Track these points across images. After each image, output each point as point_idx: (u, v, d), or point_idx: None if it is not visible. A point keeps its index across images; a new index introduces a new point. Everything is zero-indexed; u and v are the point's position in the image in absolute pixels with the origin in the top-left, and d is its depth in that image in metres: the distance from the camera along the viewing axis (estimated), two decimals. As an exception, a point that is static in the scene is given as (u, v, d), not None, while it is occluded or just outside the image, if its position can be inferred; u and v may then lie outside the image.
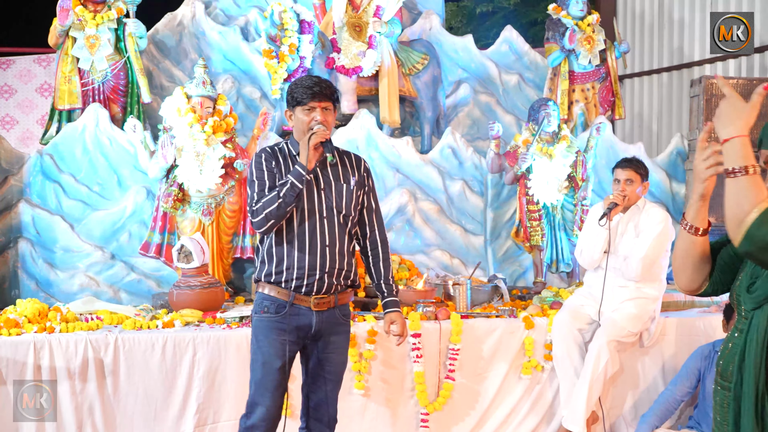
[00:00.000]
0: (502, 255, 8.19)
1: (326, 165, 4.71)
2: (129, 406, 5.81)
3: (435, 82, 8.43)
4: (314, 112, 4.60)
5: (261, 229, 4.57)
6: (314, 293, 4.64)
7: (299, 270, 4.60)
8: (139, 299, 7.24)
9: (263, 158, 4.69)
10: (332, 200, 4.67)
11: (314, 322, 4.66)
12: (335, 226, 4.66)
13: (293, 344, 4.68)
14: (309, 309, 4.65)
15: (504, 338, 6.41)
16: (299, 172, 4.53)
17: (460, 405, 6.34)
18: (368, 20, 8.10)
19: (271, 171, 4.65)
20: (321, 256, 4.62)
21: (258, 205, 4.56)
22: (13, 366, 5.59)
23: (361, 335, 6.09)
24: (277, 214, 4.53)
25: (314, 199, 4.64)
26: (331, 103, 4.67)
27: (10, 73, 10.59)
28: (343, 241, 4.70)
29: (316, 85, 4.62)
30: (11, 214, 7.21)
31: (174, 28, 8.40)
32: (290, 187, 4.50)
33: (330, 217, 4.66)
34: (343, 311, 4.83)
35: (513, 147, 7.76)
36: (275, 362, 4.65)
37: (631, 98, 11.62)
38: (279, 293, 4.65)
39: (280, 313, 4.64)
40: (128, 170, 7.42)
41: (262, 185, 4.63)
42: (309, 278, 4.61)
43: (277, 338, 4.65)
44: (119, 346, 5.78)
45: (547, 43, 8.84)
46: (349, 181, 4.74)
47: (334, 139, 7.78)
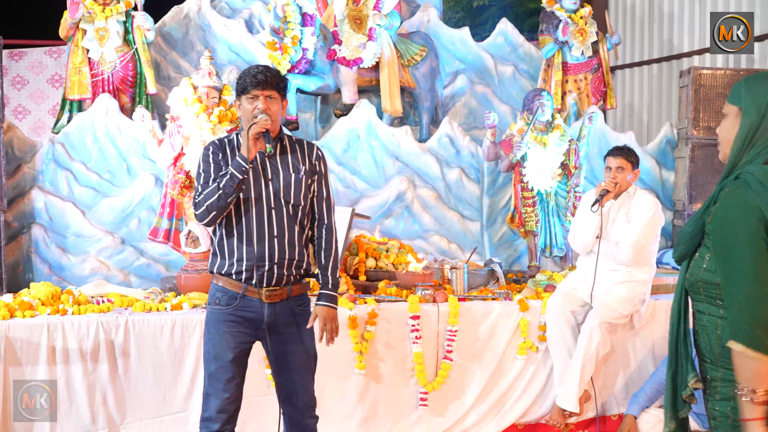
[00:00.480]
0: (498, 240, 8.22)
1: (275, 154, 4.53)
2: (139, 386, 5.84)
3: (433, 73, 8.45)
4: (257, 100, 4.42)
5: (203, 221, 4.42)
6: (265, 285, 4.44)
7: (248, 261, 4.42)
8: (148, 283, 7.28)
9: (210, 150, 4.52)
10: (280, 190, 4.46)
11: (266, 314, 4.46)
12: (284, 216, 4.46)
13: (245, 336, 4.50)
14: (261, 301, 4.45)
15: (500, 320, 6.45)
16: (239, 163, 4.33)
17: (458, 384, 6.37)
18: (368, 13, 8.10)
19: (217, 163, 4.47)
20: (269, 247, 4.43)
21: (200, 197, 4.40)
22: (27, 347, 5.62)
23: (361, 317, 6.12)
24: (217, 206, 4.35)
25: (261, 189, 4.45)
26: (275, 92, 4.46)
27: (22, 65, 10.60)
28: (293, 231, 4.49)
29: (260, 73, 4.44)
30: (24, 200, 7.23)
31: (180, 20, 8.41)
32: (230, 178, 4.32)
33: (278, 207, 4.46)
34: (298, 302, 4.59)
35: (508, 136, 7.79)
36: (226, 354, 4.46)
37: (622, 89, 11.64)
38: (231, 285, 4.46)
39: (231, 305, 4.46)
40: (137, 158, 7.44)
41: (207, 177, 4.45)
42: (258, 269, 4.42)
43: (228, 330, 4.46)
44: (129, 328, 5.81)
45: (541, 35, 8.85)
46: (299, 171, 4.52)
47: (336, 132, 7.88)
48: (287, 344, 4.54)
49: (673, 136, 8.64)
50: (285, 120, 7.87)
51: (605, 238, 6.36)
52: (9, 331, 5.59)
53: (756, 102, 3.11)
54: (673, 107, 10.54)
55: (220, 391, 4.48)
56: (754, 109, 3.10)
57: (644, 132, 11.06)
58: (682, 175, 8.31)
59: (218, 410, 4.48)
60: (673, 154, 8.57)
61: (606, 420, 6.61)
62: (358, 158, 7.98)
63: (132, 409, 5.84)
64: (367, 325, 6.13)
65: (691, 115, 8.13)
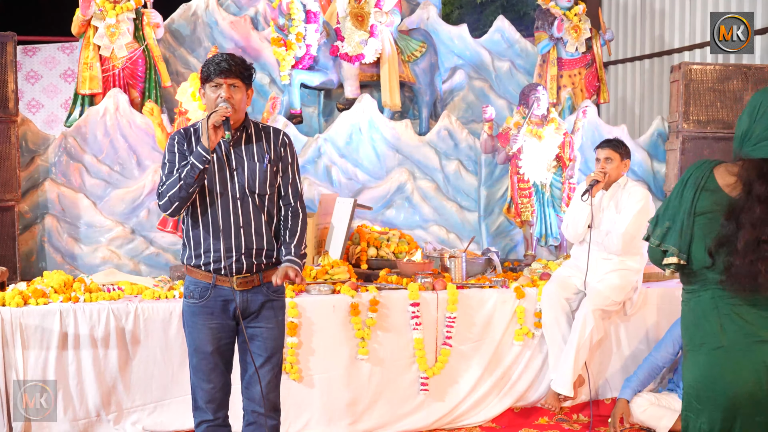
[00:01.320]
0: (495, 230, 8.19)
1: (240, 144, 4.33)
2: (148, 370, 5.82)
3: (432, 69, 8.41)
4: (220, 89, 4.22)
5: (167, 211, 4.24)
6: (235, 274, 4.29)
7: (215, 253, 4.26)
8: (157, 271, 7.24)
9: (175, 140, 4.32)
10: (245, 180, 4.28)
11: (238, 301, 4.31)
12: (249, 206, 4.29)
13: (222, 326, 4.35)
14: (232, 289, 4.29)
15: (497, 307, 6.42)
16: (199, 153, 4.14)
17: (457, 369, 6.35)
18: (370, 10, 8.06)
19: (182, 153, 4.27)
20: (236, 237, 4.27)
21: (163, 188, 4.23)
22: (41, 333, 5.59)
23: (364, 304, 6.09)
24: (179, 196, 4.18)
25: (226, 180, 4.27)
26: (239, 80, 4.26)
27: (36, 60, 10.55)
28: (259, 220, 4.32)
29: (224, 61, 4.23)
30: (38, 191, 7.19)
31: (188, 17, 8.36)
32: (191, 169, 4.14)
33: (243, 197, 4.28)
34: (272, 287, 4.40)
35: (505, 129, 7.76)
36: (206, 347, 4.34)
37: (615, 83, 11.60)
38: (201, 276, 4.31)
39: (204, 296, 4.31)
40: (146, 151, 7.40)
41: (171, 168, 4.26)
42: (226, 260, 4.26)
43: (205, 323, 4.33)
44: (139, 315, 5.78)
45: (537, 31, 8.83)
46: (263, 160, 4.33)
47: (338, 125, 7.84)
48: (256, 326, 4.39)
49: (665, 129, 8.59)
50: (289, 114, 7.84)
51: (596, 227, 6.32)
52: (23, 317, 5.56)
53: (748, 109, 3.27)
54: (664, 101, 10.50)
55: (204, 382, 4.38)
56: (746, 115, 3.27)
57: (636, 125, 11.02)
58: (673, 166, 8.26)
59: (206, 401, 4.40)
60: (664, 147, 8.51)
61: (599, 404, 6.57)
62: (359, 151, 7.94)
63: (141, 392, 5.82)
64: (369, 312, 6.10)
65: (682, 109, 8.07)
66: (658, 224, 3.27)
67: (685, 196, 3.20)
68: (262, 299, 4.38)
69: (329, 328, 6.04)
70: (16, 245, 6.81)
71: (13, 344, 5.54)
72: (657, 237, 3.24)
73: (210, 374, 4.37)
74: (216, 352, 4.37)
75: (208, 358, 4.36)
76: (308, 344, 6.00)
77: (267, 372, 4.42)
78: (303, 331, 5.98)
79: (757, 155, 3.19)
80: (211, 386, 4.38)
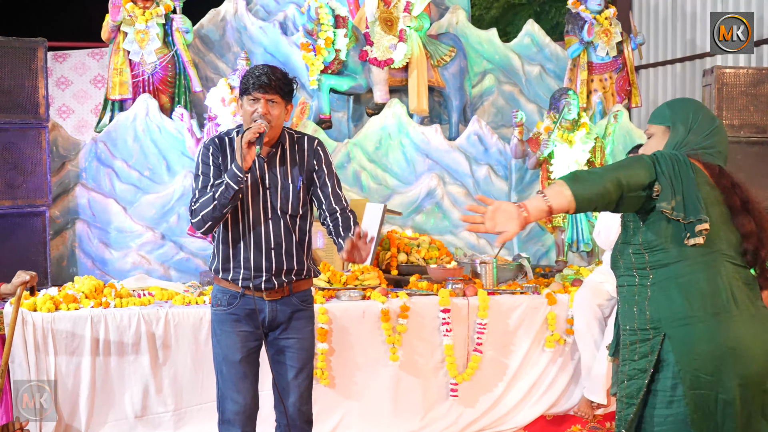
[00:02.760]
0: (526, 235, 8.17)
1: (275, 162, 4.25)
2: (178, 376, 5.85)
3: (461, 73, 8.41)
4: (258, 103, 4.13)
5: (200, 230, 4.17)
6: (264, 290, 4.26)
7: (245, 271, 4.22)
8: (187, 276, 7.26)
9: (210, 151, 4.24)
10: (277, 201, 4.22)
11: (267, 310, 4.28)
12: (281, 227, 4.24)
13: (250, 335, 4.30)
14: (261, 299, 4.26)
15: (528, 313, 6.41)
16: (234, 173, 4.05)
17: (487, 376, 6.34)
18: (399, 15, 8.07)
19: (217, 166, 4.21)
20: (267, 258, 4.22)
21: (196, 205, 4.15)
22: (72, 338, 5.64)
23: (394, 310, 6.09)
24: (213, 216, 4.10)
25: (259, 199, 4.21)
26: (278, 96, 4.16)
27: (66, 66, 10.64)
28: (291, 241, 4.26)
29: (264, 74, 4.13)
30: (69, 197, 7.25)
31: (218, 23, 8.41)
32: (225, 189, 4.05)
33: (275, 218, 4.23)
34: (301, 297, 4.39)
35: (535, 134, 7.75)
36: (234, 355, 4.27)
37: (646, 87, 11.54)
38: (230, 285, 4.28)
39: (232, 304, 4.27)
40: (176, 156, 7.44)
41: (205, 182, 4.20)
42: (255, 279, 4.22)
43: (233, 330, 4.28)
44: (169, 320, 5.81)
45: (567, 35, 8.81)
46: (296, 181, 4.25)
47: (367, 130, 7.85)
48: (288, 337, 4.34)
49: (697, 133, 8.53)
50: (318, 119, 7.86)
51: (629, 233, 6.29)
52: (54, 323, 5.62)
53: (682, 119, 3.49)
54: (696, 105, 10.42)
55: (233, 392, 4.30)
56: (681, 125, 3.48)
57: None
58: (706, 171, 8.20)
59: (235, 412, 4.31)
60: (697, 152, 8.46)
61: (632, 411, 6.53)
62: (389, 156, 7.96)
63: (172, 397, 5.85)
64: (399, 318, 6.10)
65: (714, 114, 8.03)
66: (669, 199, 3.30)
67: (683, 171, 3.30)
68: (291, 309, 4.34)
69: (359, 334, 6.06)
70: (47, 250, 6.88)
71: (44, 349, 5.59)
72: (678, 210, 3.26)
73: (239, 384, 4.30)
74: (245, 360, 4.31)
75: (237, 367, 4.29)
76: (338, 350, 6.02)
77: (300, 383, 4.40)
78: (333, 337, 6.00)
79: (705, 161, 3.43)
80: (240, 396, 4.30)
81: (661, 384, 3.31)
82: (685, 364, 3.25)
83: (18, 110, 6.80)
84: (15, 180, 6.78)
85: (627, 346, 3.42)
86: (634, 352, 3.37)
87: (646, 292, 3.36)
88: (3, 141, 6.75)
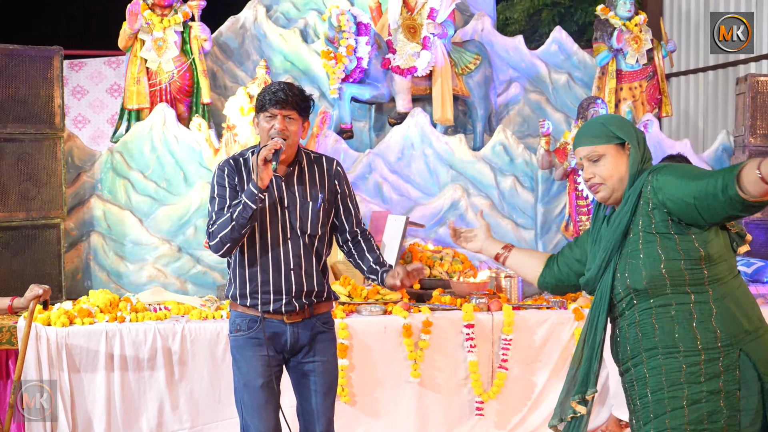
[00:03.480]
0: (552, 248, 8.12)
1: (293, 181, 4.24)
2: (195, 392, 5.85)
3: (487, 82, 8.38)
4: (274, 120, 4.13)
5: (218, 252, 4.16)
6: (284, 313, 4.23)
7: (264, 295, 4.19)
8: (204, 290, 7.25)
9: (225, 173, 4.23)
10: (296, 221, 4.21)
11: (288, 333, 4.24)
12: (300, 247, 4.21)
13: (272, 359, 4.24)
14: (282, 322, 4.24)
15: (554, 329, 6.38)
16: (252, 192, 4.03)
17: (513, 393, 6.31)
18: (422, 22, 8.06)
19: (233, 187, 4.20)
20: (286, 280, 4.19)
21: (213, 228, 4.13)
22: (86, 354, 5.65)
23: (416, 325, 6.07)
24: (231, 237, 4.08)
25: (277, 219, 4.20)
26: (295, 112, 4.16)
27: (82, 75, 10.70)
28: (310, 262, 4.25)
29: (281, 90, 4.14)
30: (84, 208, 7.27)
31: (237, 30, 8.44)
32: (243, 209, 4.04)
33: (294, 238, 4.21)
34: (322, 320, 4.35)
35: (562, 144, 7.72)
36: (256, 381, 4.22)
37: (677, 96, 11.49)
38: (249, 310, 4.24)
39: (252, 328, 4.22)
40: (194, 167, 7.45)
41: (222, 203, 4.18)
42: (275, 303, 4.20)
43: (254, 355, 4.23)
44: (186, 335, 5.81)
45: (595, 42, 8.78)
46: (316, 199, 4.24)
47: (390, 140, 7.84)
48: (312, 361, 4.31)
49: (730, 143, 8.49)
50: (339, 128, 7.86)
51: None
52: (69, 337, 5.63)
53: (632, 133, 3.46)
54: (729, 115, 10.38)
55: (256, 419, 4.25)
56: (635, 139, 3.44)
57: (700, 140, 10.90)
58: (739, 183, 8.15)
59: None
60: (730, 162, 8.41)
61: (662, 430, 6.48)
62: (412, 166, 7.94)
63: (188, 414, 5.85)
64: (422, 333, 6.08)
65: (748, 123, 8.00)
66: None
67: None
68: (313, 332, 4.31)
69: (380, 350, 6.04)
70: (61, 263, 6.89)
71: (58, 365, 5.59)
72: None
73: (261, 410, 4.26)
74: (266, 386, 4.26)
75: (258, 393, 4.25)
76: (359, 366, 6.00)
77: (327, 408, 4.37)
78: (354, 353, 5.98)
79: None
80: (263, 424, 4.25)
81: (745, 403, 3.21)
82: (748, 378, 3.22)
83: (33, 120, 6.81)
84: (29, 191, 6.80)
85: (682, 369, 3.26)
86: (698, 374, 3.22)
87: (710, 309, 3.24)
88: (18, 151, 6.77)
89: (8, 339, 5.70)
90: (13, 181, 6.72)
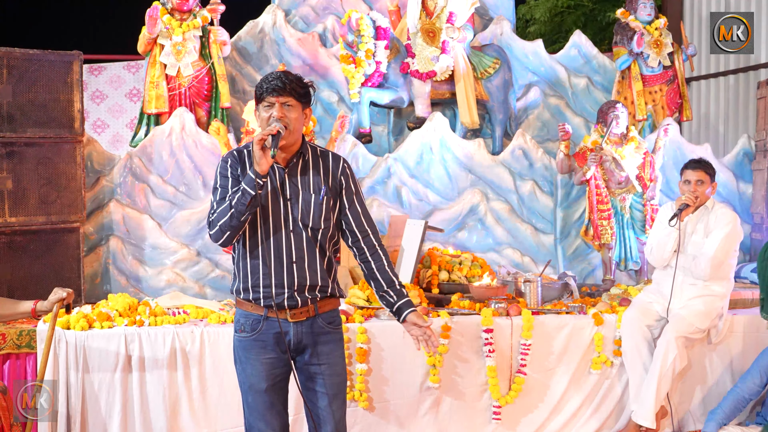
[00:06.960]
0: (572, 253, 8.13)
1: (296, 172, 4.18)
2: (213, 396, 5.87)
3: (506, 86, 8.40)
4: (273, 108, 4.07)
5: (218, 241, 4.12)
6: (287, 308, 4.16)
7: (266, 289, 4.14)
8: (223, 294, 7.29)
9: (228, 164, 4.19)
10: (298, 212, 4.14)
11: (292, 333, 4.17)
12: (303, 240, 4.14)
13: (277, 361, 4.20)
14: (285, 320, 4.16)
15: (574, 334, 6.36)
16: (250, 178, 3.98)
17: (532, 398, 6.29)
18: (441, 26, 8.08)
19: (236, 178, 4.15)
20: (288, 273, 4.13)
21: (213, 216, 4.10)
22: (105, 357, 5.68)
23: (435, 330, 6.05)
24: (230, 225, 4.04)
25: (280, 210, 4.13)
26: (293, 99, 4.10)
27: (101, 79, 10.73)
28: (313, 255, 4.16)
29: (276, 79, 4.09)
30: (103, 213, 7.32)
31: (256, 35, 8.47)
32: (242, 195, 3.99)
33: (297, 230, 4.13)
34: (327, 319, 4.28)
35: (582, 148, 7.71)
36: (260, 384, 4.20)
37: (698, 100, 11.45)
38: (253, 308, 4.19)
39: (256, 329, 4.18)
40: (212, 171, 7.37)
41: (223, 194, 4.14)
42: (278, 297, 4.13)
43: (258, 358, 4.20)
44: (204, 339, 5.84)
45: (615, 46, 8.77)
46: (319, 192, 4.17)
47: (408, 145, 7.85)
48: (319, 364, 4.25)
49: (751, 148, 8.47)
50: (358, 132, 7.88)
51: (683, 252, 6.24)
52: (88, 341, 5.66)
53: None
54: (750, 119, 10.34)
55: (261, 422, 4.24)
56: None
57: (720, 144, 10.86)
58: (760, 187, 8.14)
59: None
60: (751, 167, 8.39)
61: (682, 437, 6.48)
62: (431, 171, 7.96)
63: (206, 419, 5.87)
64: (441, 338, 6.08)
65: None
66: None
67: None
68: (317, 332, 4.24)
69: (399, 355, 6.04)
70: (80, 267, 6.94)
71: (77, 368, 5.63)
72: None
73: (266, 414, 4.24)
74: (271, 389, 4.24)
75: (263, 396, 4.22)
76: (377, 371, 6.01)
77: (335, 411, 4.30)
78: (372, 358, 5.99)
79: None
80: (267, 427, 4.24)
81: None
82: None
83: (53, 124, 6.87)
84: (49, 195, 6.85)
85: None
86: None
87: None
88: (38, 156, 6.82)
89: (27, 342, 5.75)
90: (32, 185, 6.77)
